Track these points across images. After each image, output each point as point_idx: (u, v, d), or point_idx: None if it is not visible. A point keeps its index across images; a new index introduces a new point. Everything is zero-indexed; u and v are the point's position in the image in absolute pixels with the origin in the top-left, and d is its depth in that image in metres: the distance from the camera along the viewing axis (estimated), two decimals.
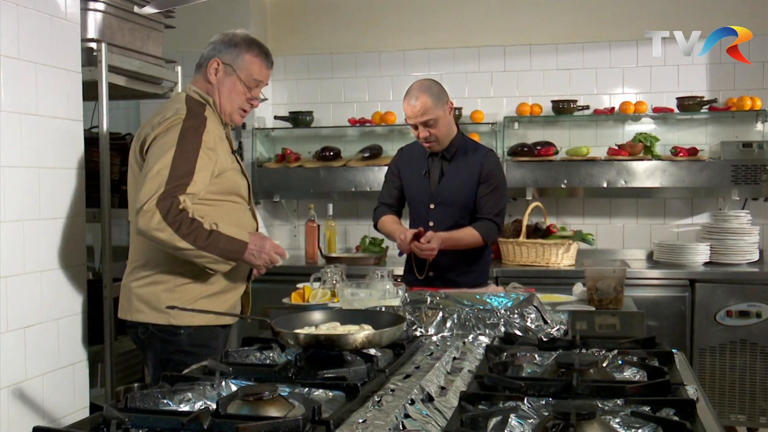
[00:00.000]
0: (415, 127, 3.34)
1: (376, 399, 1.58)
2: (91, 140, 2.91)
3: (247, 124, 5.37)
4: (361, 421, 1.44)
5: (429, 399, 1.62)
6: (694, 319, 4.38)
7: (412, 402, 1.56)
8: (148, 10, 2.91)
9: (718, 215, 4.84)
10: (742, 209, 4.89)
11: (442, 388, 1.73)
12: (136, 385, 3.52)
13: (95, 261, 3.59)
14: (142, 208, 2.27)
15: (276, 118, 5.48)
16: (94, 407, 2.84)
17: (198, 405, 1.69)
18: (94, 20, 2.90)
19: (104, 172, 2.85)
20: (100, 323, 2.90)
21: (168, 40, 3.75)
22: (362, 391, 1.61)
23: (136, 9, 3.01)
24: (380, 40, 5.46)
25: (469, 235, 3.31)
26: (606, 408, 1.56)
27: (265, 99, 2.88)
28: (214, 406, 1.70)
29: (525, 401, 1.56)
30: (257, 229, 2.73)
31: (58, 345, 2.64)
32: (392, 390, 1.64)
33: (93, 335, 2.87)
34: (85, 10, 2.85)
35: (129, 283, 2.52)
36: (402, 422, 1.44)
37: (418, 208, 3.46)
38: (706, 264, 4.66)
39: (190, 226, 2.29)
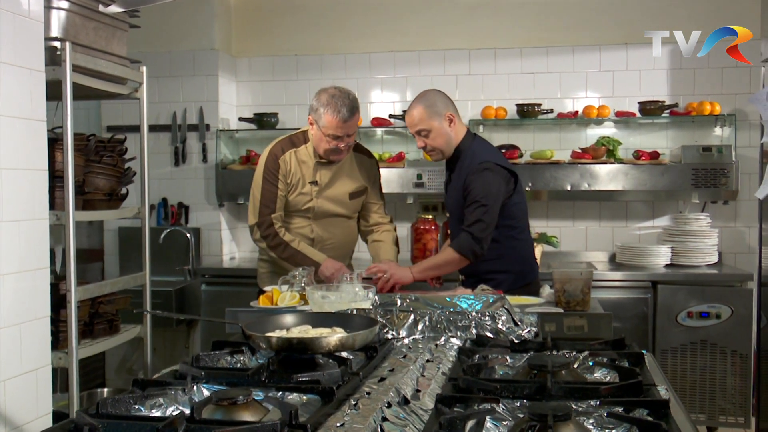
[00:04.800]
0: (415, 137, 3.40)
1: (353, 402, 1.57)
2: (52, 141, 2.84)
3: (211, 126, 5.32)
4: (339, 425, 1.43)
5: (405, 402, 1.61)
6: (656, 320, 4.45)
7: (389, 405, 1.55)
8: (114, 9, 2.85)
9: (679, 218, 4.92)
10: (702, 212, 4.98)
11: (417, 390, 1.72)
12: (105, 390, 3.48)
13: (56, 264, 3.53)
14: (250, 226, 3.47)
15: (241, 119, 5.44)
16: (56, 414, 2.79)
17: (170, 410, 1.66)
18: (58, 18, 2.83)
19: (68, 173, 2.79)
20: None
21: (131, 40, 3.69)
22: (337, 395, 1.61)
23: (101, 8, 2.95)
24: (346, 42, 5.46)
25: (445, 255, 3.28)
26: (580, 409, 1.58)
27: (356, 142, 3.55)
28: (186, 411, 1.68)
29: (500, 403, 1.57)
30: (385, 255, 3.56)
31: (21, 350, 2.57)
32: (368, 393, 1.63)
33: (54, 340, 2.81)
34: (48, 8, 2.78)
35: (257, 263, 3.75)
36: (381, 426, 1.44)
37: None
38: (667, 266, 4.74)
39: (274, 241, 3.38)
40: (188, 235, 5.22)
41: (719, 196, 4.82)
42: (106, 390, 3.57)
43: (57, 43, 2.80)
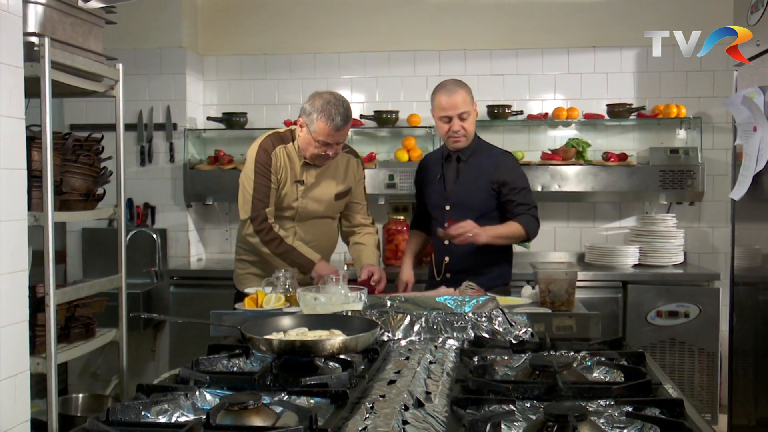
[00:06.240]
0: (447, 120, 3.40)
1: (368, 405, 1.55)
2: (29, 139, 2.74)
3: (179, 125, 5.22)
4: (361, 429, 1.41)
5: (419, 404, 1.60)
6: (627, 320, 4.51)
7: (406, 408, 1.54)
8: (94, 4, 2.78)
9: (646, 219, 5.00)
10: (667, 213, 5.07)
11: (427, 392, 1.71)
12: (80, 396, 3.39)
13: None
14: (242, 220, 3.38)
15: (209, 119, 5.35)
16: (33, 422, 2.70)
17: (176, 416, 1.63)
18: (35, 13, 2.74)
19: (47, 173, 2.71)
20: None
21: None
22: (350, 398, 1.59)
23: (80, 3, 2.87)
24: (315, 41, 5.41)
25: (512, 228, 3.39)
26: (590, 408, 1.58)
27: (345, 148, 3.49)
28: (191, 416, 1.65)
29: (515, 404, 1.57)
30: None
31: (0, 356, 2.48)
32: (382, 396, 1.62)
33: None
34: (25, 2, 2.68)
35: (235, 263, 3.66)
36: (403, 429, 1.42)
37: (436, 212, 3.54)
38: (635, 266, 4.81)
39: (269, 235, 3.29)
40: (155, 236, 5.12)
41: (685, 197, 4.91)
42: (81, 396, 3.47)
43: (34, 39, 2.71)
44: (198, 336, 4.69)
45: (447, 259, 3.45)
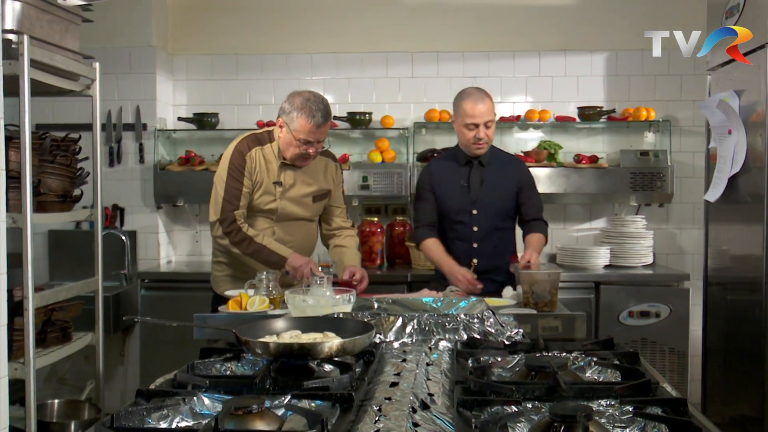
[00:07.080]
0: (474, 128, 3.53)
1: (376, 408, 1.54)
2: (6, 139, 2.68)
3: (149, 126, 5.14)
4: None
5: (424, 406, 1.60)
6: (599, 320, 4.56)
7: (414, 410, 1.53)
8: (72, 1, 2.72)
9: (616, 220, 5.07)
10: (636, 214, 5.15)
11: (430, 394, 1.71)
12: (56, 401, 3.32)
13: None
14: (211, 222, 3.35)
15: (180, 119, 5.27)
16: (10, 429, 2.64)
17: (176, 421, 1.60)
18: (12, 10, 2.68)
19: (26, 174, 2.64)
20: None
21: None
22: (355, 401, 1.58)
23: (59, 0, 2.81)
24: (287, 42, 5.37)
25: (541, 240, 3.61)
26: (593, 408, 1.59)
27: (326, 148, 3.52)
28: (190, 421, 1.62)
29: (521, 405, 1.57)
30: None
31: None
32: (387, 399, 1.61)
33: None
34: None
35: (212, 266, 3.61)
36: (415, 431, 1.41)
37: (460, 216, 3.63)
38: (606, 267, 4.87)
39: (238, 236, 3.26)
40: (124, 238, 5.03)
41: (654, 199, 4.99)
42: (56, 401, 3.39)
43: (12, 36, 2.64)
44: (168, 340, 4.63)
45: (476, 261, 3.51)
